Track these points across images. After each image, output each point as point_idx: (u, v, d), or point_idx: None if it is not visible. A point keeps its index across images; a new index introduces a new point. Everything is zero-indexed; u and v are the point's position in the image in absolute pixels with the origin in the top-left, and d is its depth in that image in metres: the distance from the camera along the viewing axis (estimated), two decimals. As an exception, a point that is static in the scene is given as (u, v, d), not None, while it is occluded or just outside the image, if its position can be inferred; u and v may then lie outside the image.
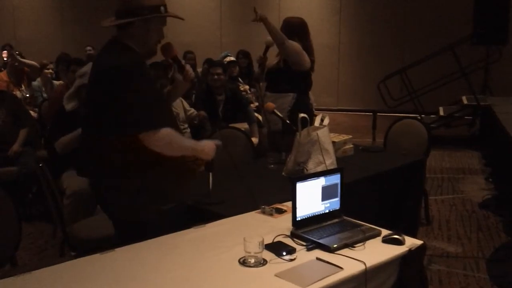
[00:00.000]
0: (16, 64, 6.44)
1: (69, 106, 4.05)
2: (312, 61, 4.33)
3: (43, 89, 6.69)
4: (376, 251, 2.22)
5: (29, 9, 13.05)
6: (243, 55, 7.76)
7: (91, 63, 4.36)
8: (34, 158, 4.82)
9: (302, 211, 2.41)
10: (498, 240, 4.56)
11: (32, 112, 5.92)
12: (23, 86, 6.51)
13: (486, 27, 8.86)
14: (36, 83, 6.75)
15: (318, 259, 2.13)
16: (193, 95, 6.16)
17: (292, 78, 4.24)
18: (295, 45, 4.17)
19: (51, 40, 12.70)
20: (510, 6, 8.98)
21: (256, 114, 5.75)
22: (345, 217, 2.55)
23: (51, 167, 3.52)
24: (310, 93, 4.60)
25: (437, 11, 10.72)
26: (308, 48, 4.29)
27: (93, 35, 12.78)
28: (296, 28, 4.30)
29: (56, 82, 6.69)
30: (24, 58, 6.92)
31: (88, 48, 10.17)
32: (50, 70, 6.95)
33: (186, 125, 5.34)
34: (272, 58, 4.43)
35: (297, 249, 2.20)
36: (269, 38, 4.25)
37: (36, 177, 3.48)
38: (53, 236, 4.46)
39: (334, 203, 2.54)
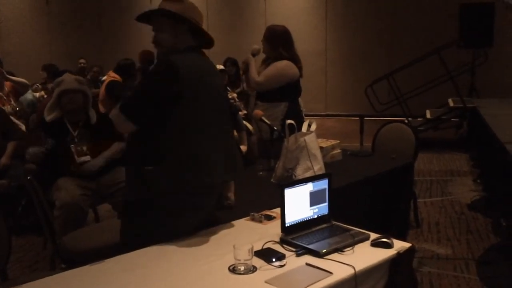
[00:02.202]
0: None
1: (49, 117, 4.05)
2: (300, 68, 4.33)
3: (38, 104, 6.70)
4: (365, 255, 2.24)
5: (15, 21, 13.03)
6: (231, 63, 7.78)
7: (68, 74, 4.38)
8: (23, 171, 4.81)
9: (291, 217, 2.43)
10: (487, 241, 4.59)
11: (22, 126, 5.92)
12: (12, 100, 6.50)
13: (472, 30, 8.97)
14: (30, 97, 6.75)
15: (307, 264, 2.15)
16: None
17: (282, 87, 4.24)
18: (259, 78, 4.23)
19: (38, 52, 12.70)
20: (495, 9, 9.09)
21: (245, 122, 5.76)
22: (334, 222, 2.57)
23: (40, 179, 3.51)
24: (300, 99, 4.61)
25: (423, 15, 10.83)
26: (293, 56, 4.28)
27: (81, 45, 12.84)
28: (280, 38, 4.26)
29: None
30: (13, 75, 6.92)
31: (82, 61, 10.15)
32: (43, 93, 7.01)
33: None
34: (259, 64, 4.43)
35: (286, 255, 2.21)
36: (256, 46, 4.26)
37: (26, 189, 3.47)
38: (43, 249, 4.44)
39: (322, 208, 2.56)
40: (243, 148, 5.26)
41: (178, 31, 2.57)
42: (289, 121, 3.42)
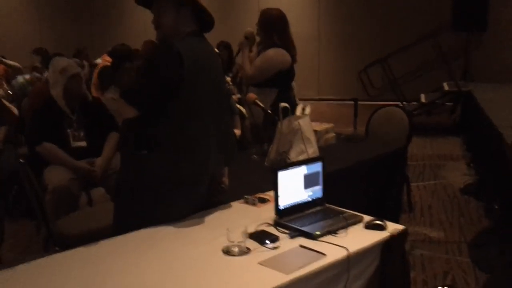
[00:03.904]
0: None
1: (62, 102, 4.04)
2: (293, 56, 4.28)
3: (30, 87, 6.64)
4: (358, 237, 2.25)
5: (4, 6, 12.90)
6: (224, 46, 7.71)
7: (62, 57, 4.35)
8: (15, 156, 4.78)
9: (285, 200, 2.43)
10: (479, 224, 4.62)
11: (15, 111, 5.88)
12: (4, 84, 6.46)
13: (466, 14, 8.95)
14: (21, 80, 6.70)
15: (301, 246, 2.15)
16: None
17: (274, 74, 4.21)
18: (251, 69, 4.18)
19: (28, 37, 12.58)
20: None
21: (238, 106, 5.74)
22: (327, 205, 2.57)
23: (33, 163, 3.50)
24: (294, 83, 4.58)
25: (416, -1, 10.80)
26: (287, 43, 4.22)
27: (71, 31, 12.75)
28: (274, 23, 4.16)
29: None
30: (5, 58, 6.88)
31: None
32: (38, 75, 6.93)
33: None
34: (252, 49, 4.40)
35: (280, 238, 2.21)
36: (249, 29, 4.22)
37: (18, 174, 3.46)
38: (37, 233, 4.43)
39: (316, 191, 2.56)
40: (237, 132, 5.25)
41: (181, 14, 2.52)
42: (283, 104, 3.40)
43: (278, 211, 2.40)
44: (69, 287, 1.86)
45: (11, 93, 6.31)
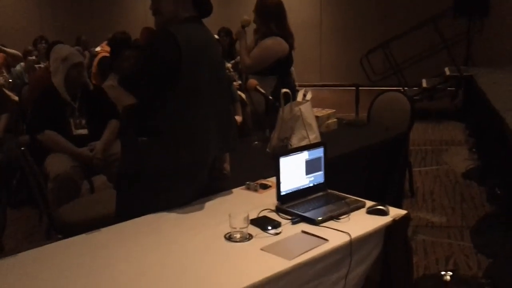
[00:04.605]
0: None
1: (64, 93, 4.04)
2: (291, 43, 4.25)
3: (26, 75, 6.63)
4: (360, 223, 2.24)
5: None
6: (225, 33, 7.69)
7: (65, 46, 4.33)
8: (16, 144, 4.78)
9: (287, 186, 2.42)
10: (482, 209, 4.62)
11: (14, 98, 5.88)
12: (4, 71, 6.45)
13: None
14: (18, 68, 6.69)
15: (303, 232, 2.15)
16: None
17: (273, 62, 4.18)
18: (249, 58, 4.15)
19: (27, 26, 12.52)
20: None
21: (239, 93, 5.72)
22: (329, 190, 2.56)
23: (34, 151, 3.49)
24: (293, 69, 4.56)
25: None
26: (285, 32, 4.18)
27: (72, 19, 12.70)
28: (272, 11, 4.13)
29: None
30: (2, 45, 6.86)
31: (83, 38, 9.89)
32: (34, 57, 6.89)
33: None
34: (250, 35, 4.36)
35: (282, 223, 2.21)
36: (246, 17, 4.18)
37: (20, 162, 3.46)
38: (39, 221, 4.45)
39: (318, 177, 2.55)
40: (238, 119, 5.24)
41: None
42: (284, 90, 3.38)
43: (280, 197, 2.40)
44: (72, 274, 1.86)
45: (10, 81, 6.31)
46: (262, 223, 2.20)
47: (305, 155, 2.48)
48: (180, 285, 1.78)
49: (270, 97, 3.68)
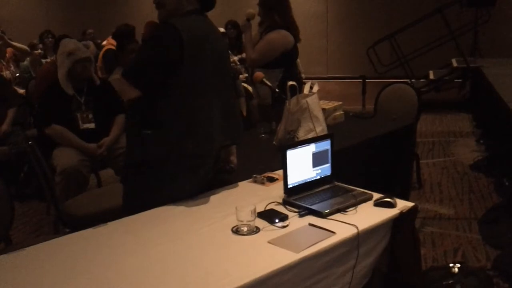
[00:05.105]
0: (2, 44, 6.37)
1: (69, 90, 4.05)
2: (295, 36, 4.23)
3: (32, 69, 6.65)
4: (368, 215, 2.23)
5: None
6: (232, 25, 7.65)
7: (72, 40, 4.33)
8: (24, 137, 4.80)
9: (294, 178, 2.42)
10: (489, 201, 4.60)
11: (20, 91, 5.90)
12: (12, 66, 6.47)
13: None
14: (25, 63, 6.71)
15: (310, 224, 2.15)
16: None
17: (279, 55, 4.16)
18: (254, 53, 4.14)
19: (34, 19, 12.53)
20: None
21: (246, 85, 5.71)
22: (336, 183, 2.56)
23: (42, 145, 3.51)
24: (299, 61, 4.54)
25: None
26: (289, 23, 4.17)
27: (78, 12, 12.69)
28: (275, 4, 4.12)
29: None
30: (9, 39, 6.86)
31: (90, 31, 9.82)
32: (39, 51, 6.90)
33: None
34: (255, 28, 4.34)
35: (289, 216, 2.21)
36: (250, 10, 4.17)
37: (27, 156, 3.47)
38: (46, 214, 4.47)
39: (325, 169, 2.55)
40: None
41: None
42: (290, 83, 3.37)
43: (287, 190, 2.39)
44: (80, 268, 1.86)
45: (18, 75, 6.32)
46: (269, 216, 2.19)
47: (312, 148, 2.47)
48: (187, 278, 1.78)
49: (277, 90, 3.67)
